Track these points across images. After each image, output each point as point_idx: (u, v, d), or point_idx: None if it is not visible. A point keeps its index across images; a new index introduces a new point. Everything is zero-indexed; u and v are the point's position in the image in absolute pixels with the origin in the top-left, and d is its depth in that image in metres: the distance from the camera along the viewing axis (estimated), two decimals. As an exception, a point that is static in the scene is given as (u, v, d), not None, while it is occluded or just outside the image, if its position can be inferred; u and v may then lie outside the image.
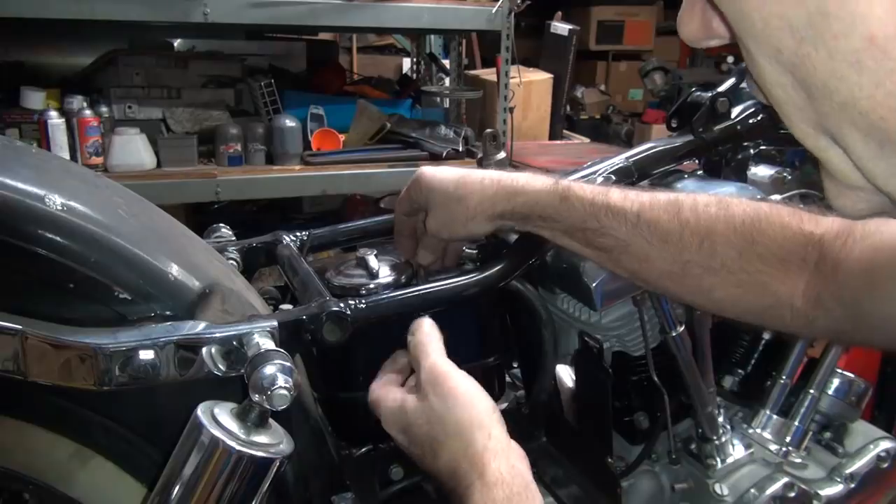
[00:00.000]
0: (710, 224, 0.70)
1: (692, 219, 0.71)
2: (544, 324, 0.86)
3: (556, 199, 0.74)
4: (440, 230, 0.81)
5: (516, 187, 0.76)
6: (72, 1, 1.96)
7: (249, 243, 0.93)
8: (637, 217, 0.72)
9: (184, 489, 0.59)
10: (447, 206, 0.79)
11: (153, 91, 2.46)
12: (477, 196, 0.77)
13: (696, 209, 0.71)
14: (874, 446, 1.11)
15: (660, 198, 0.73)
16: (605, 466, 0.92)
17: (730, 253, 0.69)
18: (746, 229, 0.69)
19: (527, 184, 0.76)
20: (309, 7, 2.22)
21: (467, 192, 0.78)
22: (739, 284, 0.70)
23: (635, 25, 5.03)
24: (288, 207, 3.27)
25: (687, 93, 1.01)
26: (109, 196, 0.69)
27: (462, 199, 0.78)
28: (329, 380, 0.80)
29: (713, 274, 0.70)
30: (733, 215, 0.70)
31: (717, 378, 1.08)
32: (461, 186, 0.78)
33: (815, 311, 0.67)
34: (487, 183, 0.78)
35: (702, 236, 0.70)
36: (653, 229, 0.71)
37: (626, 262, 0.75)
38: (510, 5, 2.39)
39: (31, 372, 0.57)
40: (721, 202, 0.72)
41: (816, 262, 0.67)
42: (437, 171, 0.81)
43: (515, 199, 0.76)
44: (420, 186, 0.81)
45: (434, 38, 4.11)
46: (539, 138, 3.48)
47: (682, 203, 0.72)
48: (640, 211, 0.72)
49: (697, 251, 0.70)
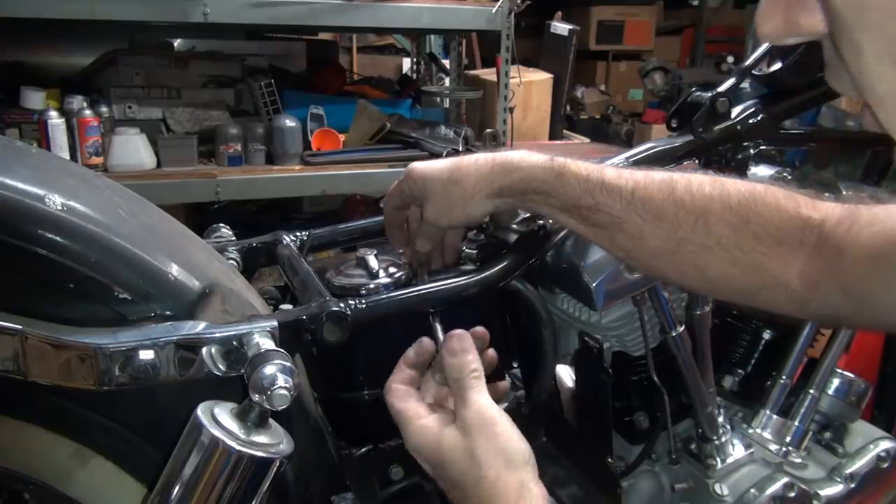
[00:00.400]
0: (706, 203, 0.70)
1: (687, 197, 0.71)
2: (544, 324, 0.86)
3: (551, 174, 0.74)
4: (439, 218, 0.80)
5: (512, 163, 0.76)
6: (71, 1, 1.96)
7: (249, 243, 0.93)
8: (632, 194, 0.72)
9: (184, 489, 0.59)
10: (445, 192, 0.78)
11: (153, 91, 2.45)
12: (473, 176, 0.77)
13: (691, 188, 0.71)
14: (874, 446, 1.12)
15: (654, 176, 0.73)
16: (605, 466, 0.92)
17: (724, 231, 0.69)
18: (742, 208, 0.69)
19: (522, 160, 0.76)
20: (309, 7, 2.22)
21: (463, 174, 0.77)
22: (734, 263, 0.70)
23: (635, 25, 5.03)
24: (288, 207, 3.27)
25: (687, 93, 1.01)
26: (109, 196, 0.69)
27: (459, 181, 0.77)
28: (329, 380, 0.80)
29: (707, 251, 0.70)
30: (728, 194, 0.70)
31: (717, 378, 1.09)
32: (456, 170, 0.78)
33: (812, 293, 0.68)
34: (482, 162, 0.78)
35: (697, 214, 0.70)
36: (647, 207, 0.72)
37: (620, 240, 0.74)
38: (510, 5, 2.39)
39: (31, 372, 0.57)
40: (716, 182, 0.72)
41: (816, 245, 0.67)
42: (429, 163, 0.81)
43: (512, 174, 0.76)
44: (413, 179, 0.81)
45: (434, 38, 4.11)
46: (539, 138, 3.48)
47: (677, 182, 0.72)
48: (635, 188, 0.72)
49: (692, 229, 0.70)
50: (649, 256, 0.74)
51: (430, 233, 0.83)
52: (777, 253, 0.68)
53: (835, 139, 1.14)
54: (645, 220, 0.72)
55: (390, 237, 0.89)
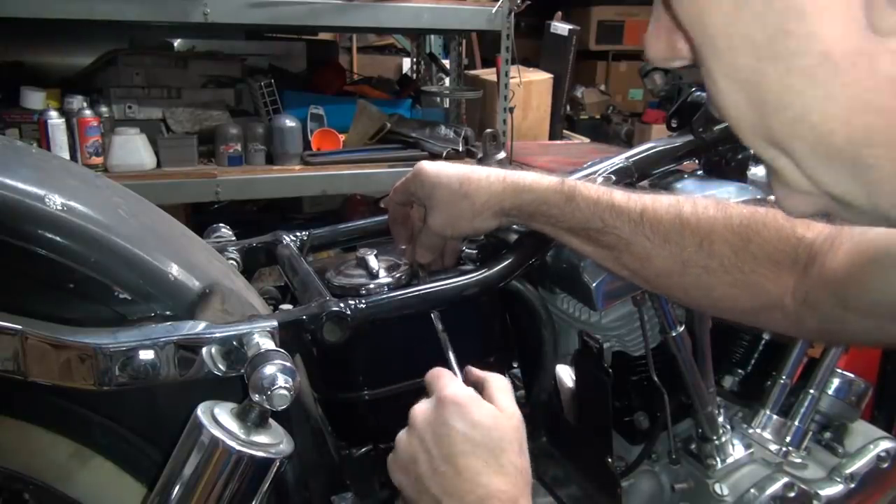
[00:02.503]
0: (710, 224, 0.72)
1: (692, 219, 0.73)
2: (544, 324, 0.86)
3: (562, 198, 0.75)
4: (444, 228, 0.81)
5: (523, 185, 0.77)
6: (72, 1, 1.95)
7: (249, 243, 0.93)
8: (640, 216, 0.73)
9: (184, 489, 0.59)
10: (452, 203, 0.79)
11: (153, 91, 2.45)
12: (484, 193, 0.78)
13: (696, 211, 0.73)
14: (874, 446, 1.12)
15: (661, 199, 0.75)
16: (605, 466, 0.92)
17: (726, 252, 0.71)
18: (743, 230, 0.71)
19: (534, 182, 0.77)
20: (309, 7, 2.22)
21: (473, 188, 0.78)
22: (734, 284, 0.71)
23: (635, 25, 5.03)
24: (288, 207, 3.27)
25: (687, 93, 1.01)
26: (109, 196, 0.69)
27: (468, 195, 0.78)
28: (329, 380, 0.80)
29: (710, 273, 0.72)
30: (731, 216, 0.72)
31: (717, 378, 1.09)
32: (466, 183, 0.78)
33: (803, 309, 0.69)
34: (493, 179, 0.78)
35: (701, 236, 0.72)
36: (654, 228, 0.73)
37: (627, 261, 0.76)
38: (510, 5, 2.39)
39: (31, 372, 0.58)
40: (719, 205, 0.74)
41: (806, 263, 0.69)
42: (439, 168, 0.81)
43: (522, 195, 0.77)
44: (421, 181, 0.81)
45: (434, 38, 4.10)
46: (539, 138, 3.48)
47: (683, 205, 0.74)
48: (643, 211, 0.74)
49: (697, 251, 0.72)
50: (655, 276, 0.76)
51: (432, 242, 0.83)
52: (774, 273, 0.70)
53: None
54: (652, 241, 0.73)
55: (394, 232, 0.90)
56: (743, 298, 0.72)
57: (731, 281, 0.71)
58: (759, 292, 0.71)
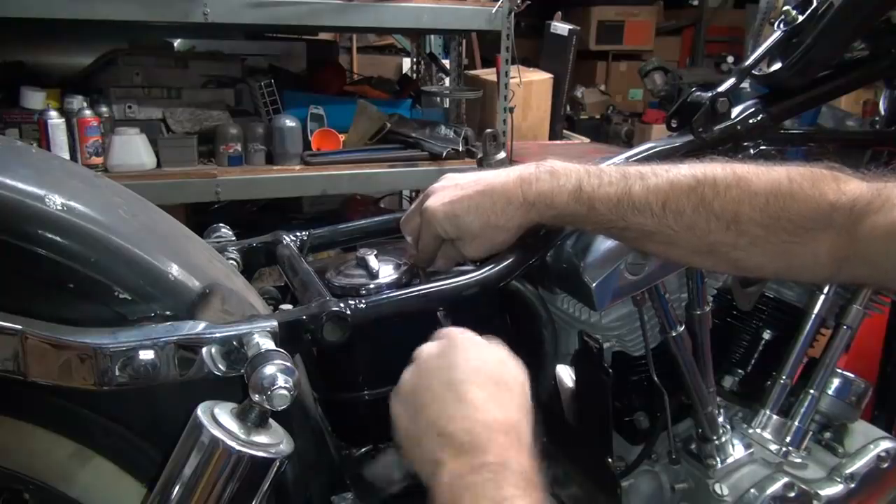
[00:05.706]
0: (735, 207, 0.72)
1: (716, 205, 0.72)
2: (544, 324, 0.86)
3: (583, 208, 0.76)
4: (479, 254, 0.81)
5: (547, 201, 0.77)
6: (72, 1, 1.95)
7: (249, 243, 0.93)
8: (662, 208, 0.74)
9: (184, 489, 0.59)
10: (485, 235, 0.79)
11: (153, 91, 2.45)
12: (515, 221, 0.78)
13: (718, 192, 0.72)
14: (874, 446, 1.12)
15: (682, 184, 0.74)
16: (605, 466, 0.92)
17: (757, 231, 0.71)
18: (770, 207, 0.70)
19: (554, 196, 0.76)
20: (309, 7, 2.21)
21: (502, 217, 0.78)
22: (765, 254, 0.73)
23: (635, 25, 5.03)
24: (288, 207, 3.26)
25: (687, 93, 1.01)
26: (109, 196, 0.69)
27: (500, 226, 0.78)
28: (329, 380, 0.80)
29: (740, 249, 0.73)
30: (756, 193, 0.71)
31: (717, 378, 1.09)
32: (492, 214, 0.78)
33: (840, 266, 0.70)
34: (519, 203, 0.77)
35: (727, 220, 0.72)
36: (677, 219, 0.73)
37: (651, 248, 0.78)
38: (510, 5, 2.39)
39: (31, 372, 0.58)
40: (741, 181, 0.72)
41: (845, 225, 0.68)
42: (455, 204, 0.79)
43: (546, 213, 0.78)
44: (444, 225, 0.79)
45: (434, 38, 4.10)
46: (539, 138, 3.48)
47: (704, 189, 0.73)
48: (665, 203, 0.74)
49: (724, 233, 0.72)
50: (680, 257, 0.79)
51: (453, 255, 0.84)
52: (806, 239, 0.70)
53: (835, 139, 1.14)
54: (676, 230, 0.74)
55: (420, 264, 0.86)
56: (775, 263, 0.73)
57: (760, 252, 0.72)
58: (791, 256, 0.72)
